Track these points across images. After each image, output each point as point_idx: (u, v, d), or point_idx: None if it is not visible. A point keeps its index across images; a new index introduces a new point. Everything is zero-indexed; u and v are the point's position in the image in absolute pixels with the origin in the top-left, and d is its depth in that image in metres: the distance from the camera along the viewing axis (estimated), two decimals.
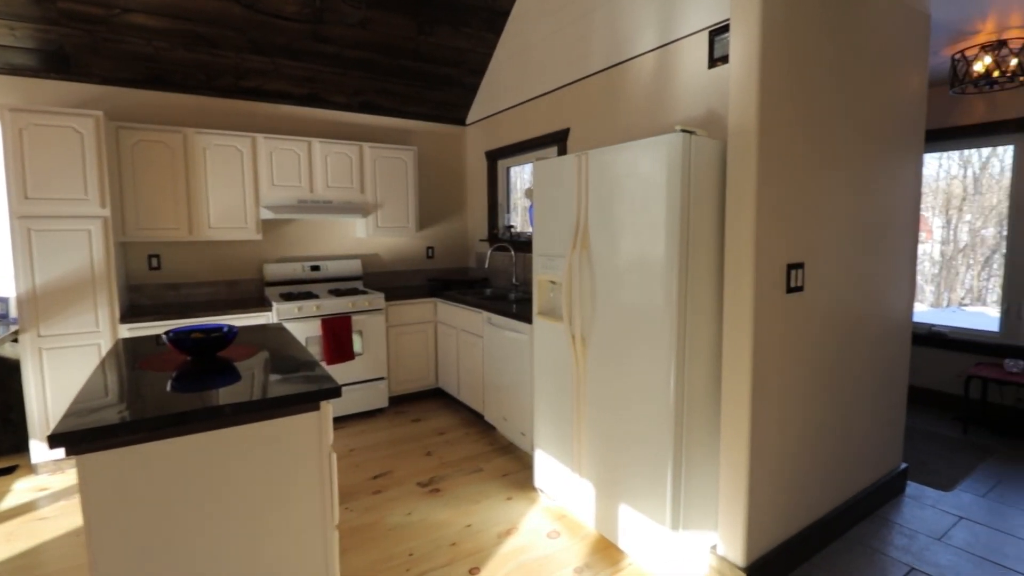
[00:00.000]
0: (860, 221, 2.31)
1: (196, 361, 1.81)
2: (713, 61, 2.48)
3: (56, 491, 2.80)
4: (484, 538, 2.35)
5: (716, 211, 2.00)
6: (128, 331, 3.06)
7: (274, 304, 3.49)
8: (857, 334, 2.36)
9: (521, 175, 4.50)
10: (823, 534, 2.26)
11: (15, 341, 3.03)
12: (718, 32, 2.45)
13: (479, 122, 4.68)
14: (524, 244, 4.00)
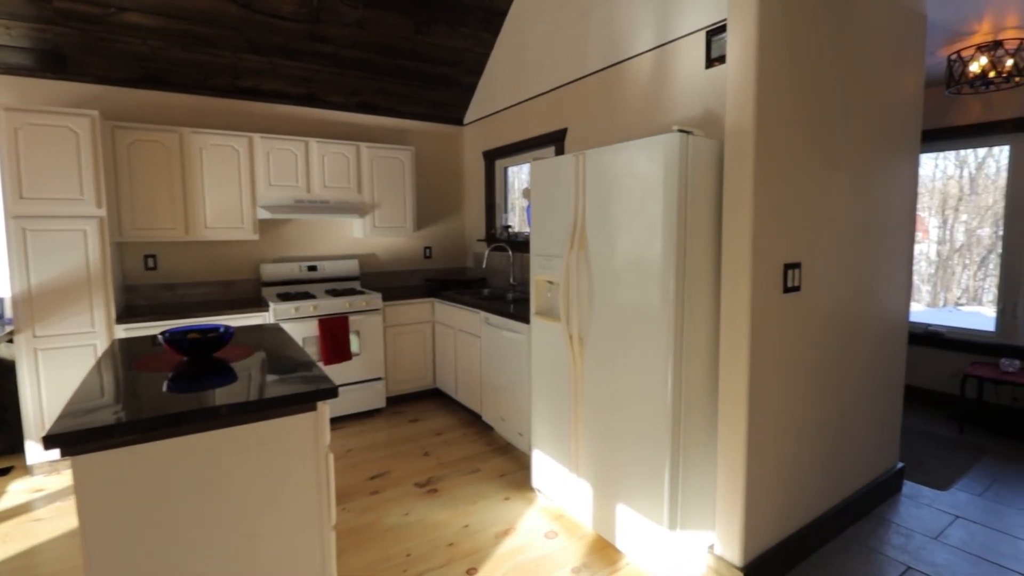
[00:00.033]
0: (857, 221, 2.31)
1: (192, 362, 1.80)
2: (710, 61, 2.49)
3: (52, 492, 2.78)
4: (482, 538, 2.35)
5: (713, 211, 2.00)
6: (124, 331, 3.05)
7: (271, 304, 3.48)
8: (854, 334, 2.37)
9: (519, 175, 4.50)
10: (820, 533, 2.27)
11: (10, 342, 3.02)
12: (715, 32, 2.45)
13: (477, 122, 4.67)
14: (522, 244, 4.00)
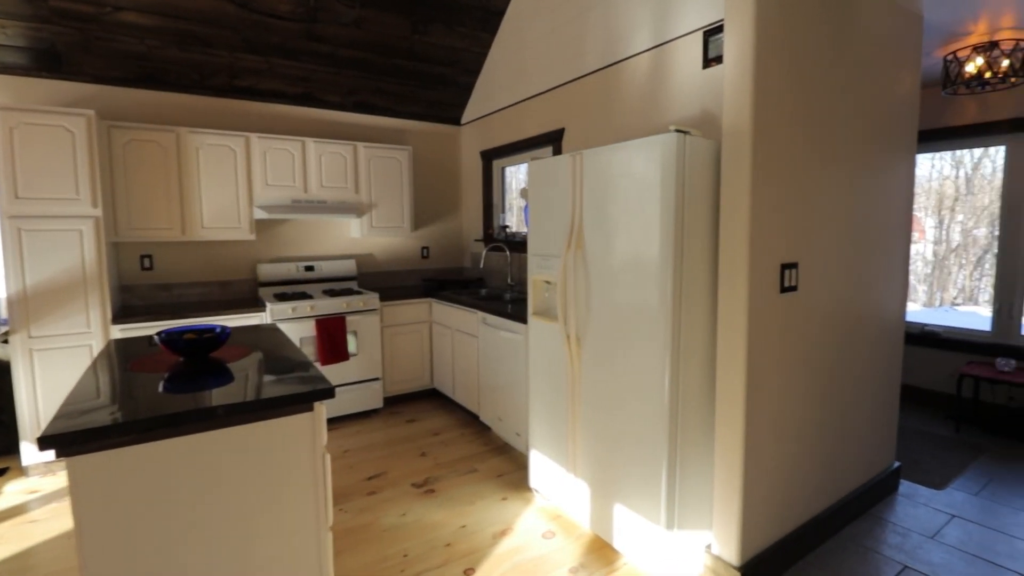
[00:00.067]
0: (854, 221, 2.32)
1: (189, 362, 1.79)
2: (708, 61, 2.49)
3: (47, 493, 2.77)
4: (479, 539, 2.35)
5: (710, 211, 2.00)
6: (120, 332, 3.04)
7: (268, 304, 3.47)
8: (851, 333, 2.37)
9: (516, 175, 4.50)
10: (817, 533, 2.27)
11: (5, 342, 3.00)
12: (712, 32, 2.46)
13: (474, 122, 4.67)
14: (519, 244, 4.00)
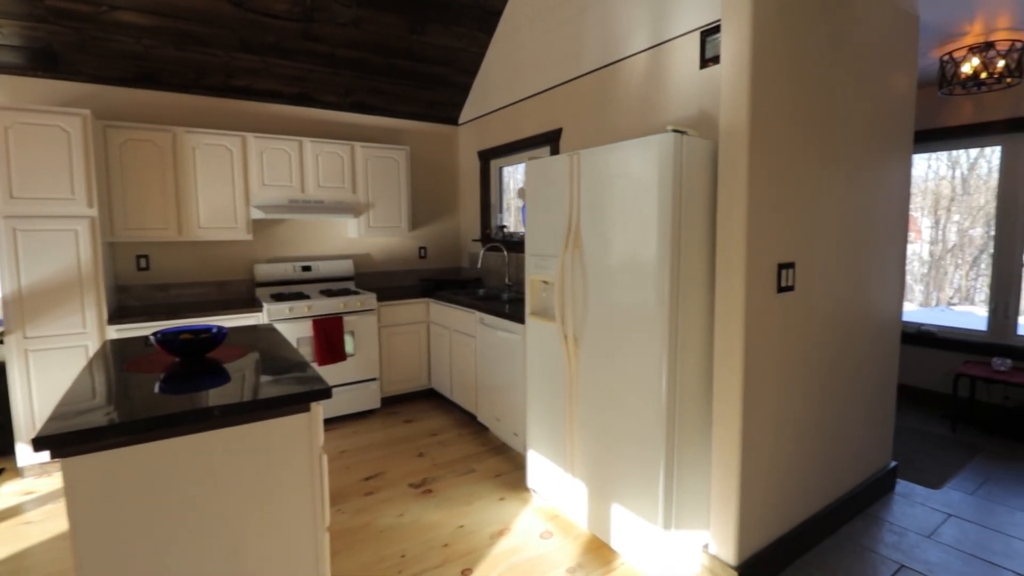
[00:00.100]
0: (850, 221, 2.32)
1: (185, 362, 1.79)
2: (705, 61, 2.49)
3: (42, 494, 2.76)
4: (477, 539, 2.34)
5: (707, 211, 2.00)
6: (116, 332, 3.03)
7: (265, 305, 3.46)
8: (848, 333, 2.38)
9: (514, 175, 4.50)
10: (814, 532, 2.27)
11: (1, 343, 2.99)
12: (709, 33, 2.46)
13: (471, 122, 4.67)
14: (517, 244, 4.00)
